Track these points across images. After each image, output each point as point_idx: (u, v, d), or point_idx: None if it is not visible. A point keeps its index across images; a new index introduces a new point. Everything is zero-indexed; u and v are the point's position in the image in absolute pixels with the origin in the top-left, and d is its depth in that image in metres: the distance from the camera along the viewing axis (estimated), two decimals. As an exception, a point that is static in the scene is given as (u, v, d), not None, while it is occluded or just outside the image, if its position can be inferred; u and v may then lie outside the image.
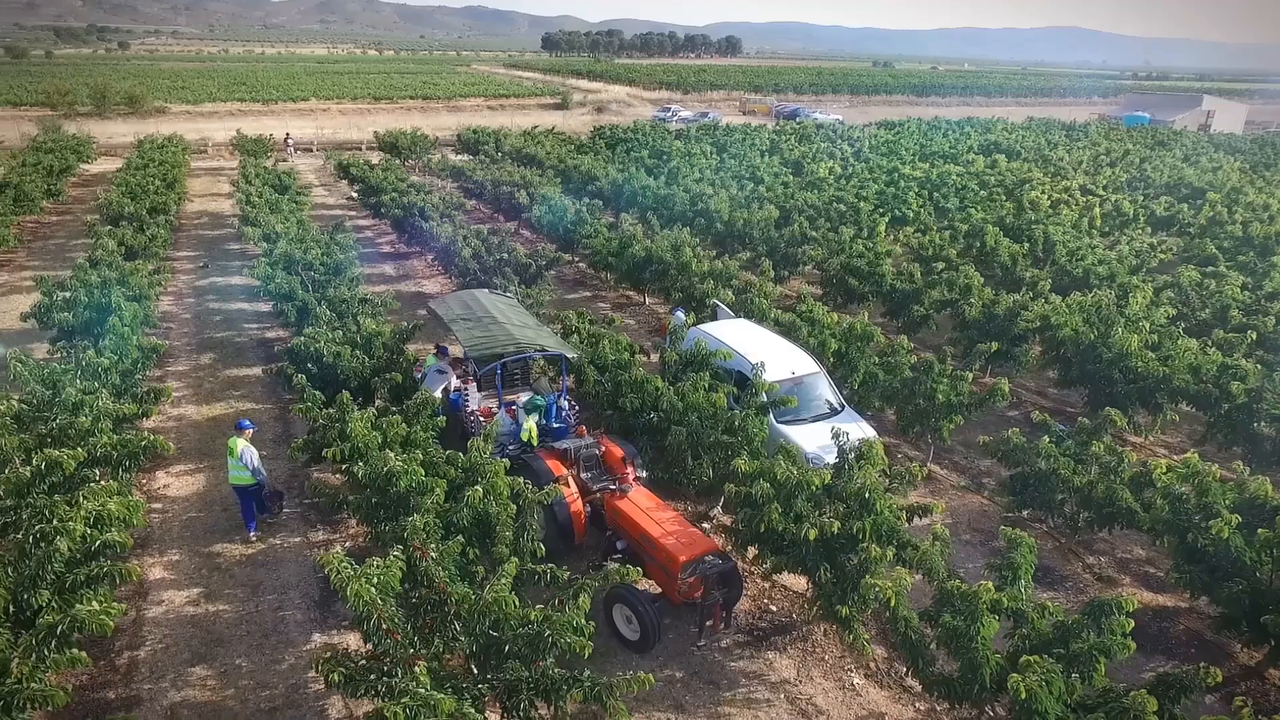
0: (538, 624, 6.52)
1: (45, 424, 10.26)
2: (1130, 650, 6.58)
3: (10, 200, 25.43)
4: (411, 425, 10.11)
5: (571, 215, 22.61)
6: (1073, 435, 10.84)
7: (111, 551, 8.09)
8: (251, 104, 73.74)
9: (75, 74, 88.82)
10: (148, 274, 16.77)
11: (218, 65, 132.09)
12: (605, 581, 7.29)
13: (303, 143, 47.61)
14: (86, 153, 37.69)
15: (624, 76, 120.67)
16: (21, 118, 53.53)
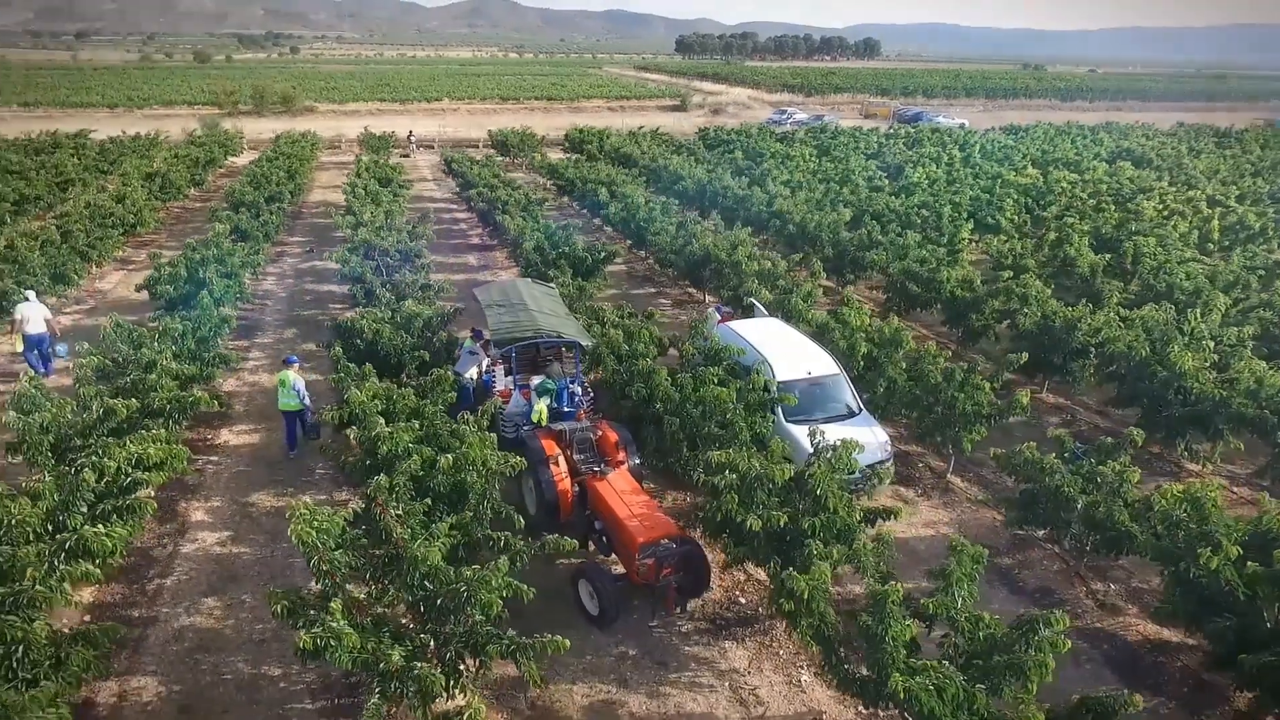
0: (463, 581, 7.01)
1: (121, 378, 11.76)
2: (1047, 668, 6.33)
3: (158, 188, 28.60)
4: (422, 399, 10.87)
5: (643, 213, 23.06)
6: (1089, 454, 10.26)
7: (141, 488, 9.28)
8: (390, 103, 78.79)
9: (248, 76, 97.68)
10: (243, 255, 18.56)
11: (370, 68, 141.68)
12: (542, 550, 7.70)
13: (425, 140, 50.48)
14: (234, 147, 41.65)
15: (749, 79, 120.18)
16: (193, 115, 59.62)
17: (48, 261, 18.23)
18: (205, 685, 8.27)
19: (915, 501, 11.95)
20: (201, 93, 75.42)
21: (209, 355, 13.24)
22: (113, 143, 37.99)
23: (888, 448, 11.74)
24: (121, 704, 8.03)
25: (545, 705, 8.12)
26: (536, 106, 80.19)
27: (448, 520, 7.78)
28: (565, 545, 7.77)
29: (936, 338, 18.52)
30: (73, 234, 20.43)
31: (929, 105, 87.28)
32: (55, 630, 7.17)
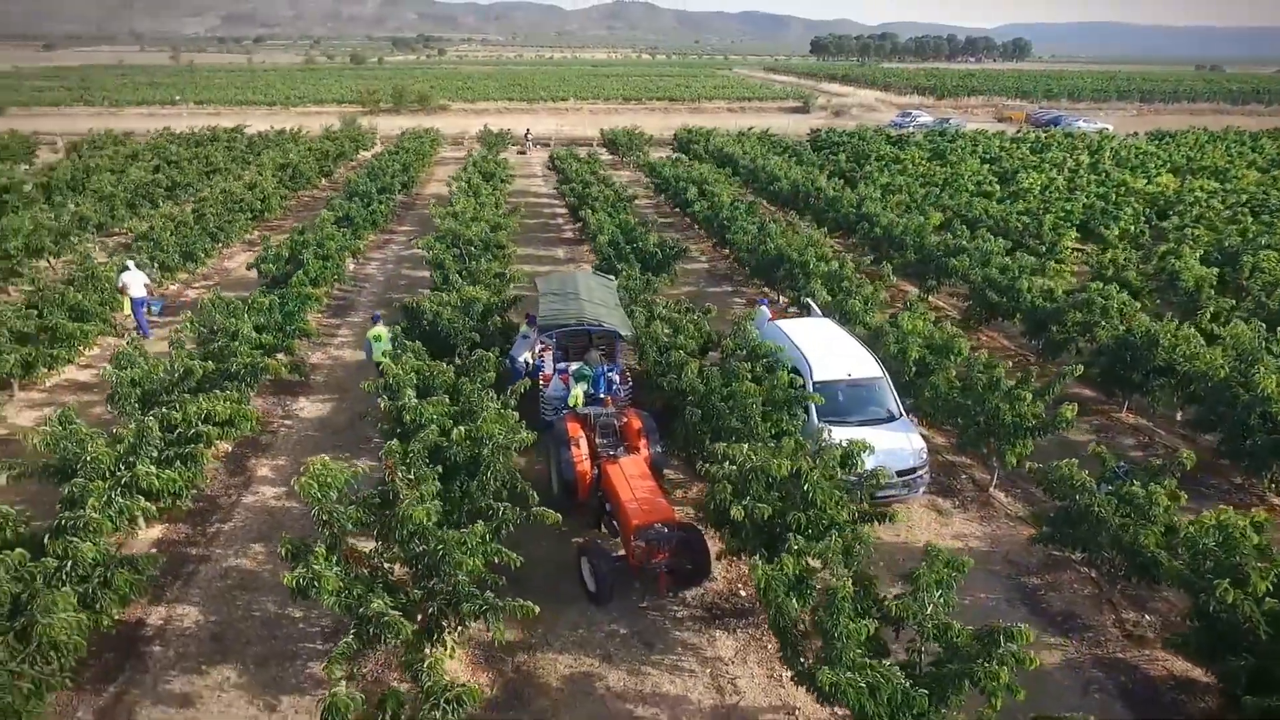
0: (442, 541, 7.50)
1: (211, 344, 13.12)
2: (998, 681, 6.09)
3: (289, 178, 31.18)
4: (460, 377, 11.52)
5: (726, 212, 23.12)
6: (1132, 474, 9.61)
7: (203, 440, 10.37)
8: (518, 103, 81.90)
9: (394, 77, 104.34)
10: (342, 240, 20.06)
11: (506, 69, 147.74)
12: (527, 520, 8.10)
13: (542, 138, 52.25)
14: (365, 142, 44.64)
15: (880, 81, 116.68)
16: (339, 113, 64.17)
17: (179, 241, 20.37)
18: (237, 619, 9.18)
19: (950, 512, 11.54)
20: (349, 92, 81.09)
21: (290, 328, 14.48)
22: (260, 137, 41.61)
23: (923, 455, 11.38)
24: (165, 626, 9.05)
25: (529, 671, 8.51)
26: (657, 107, 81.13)
27: (434, 485, 8.27)
28: (548, 517, 8.14)
29: (1018, 350, 17.64)
30: (205, 217, 22.67)
31: (1074, 109, 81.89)
32: (106, 553, 8.17)
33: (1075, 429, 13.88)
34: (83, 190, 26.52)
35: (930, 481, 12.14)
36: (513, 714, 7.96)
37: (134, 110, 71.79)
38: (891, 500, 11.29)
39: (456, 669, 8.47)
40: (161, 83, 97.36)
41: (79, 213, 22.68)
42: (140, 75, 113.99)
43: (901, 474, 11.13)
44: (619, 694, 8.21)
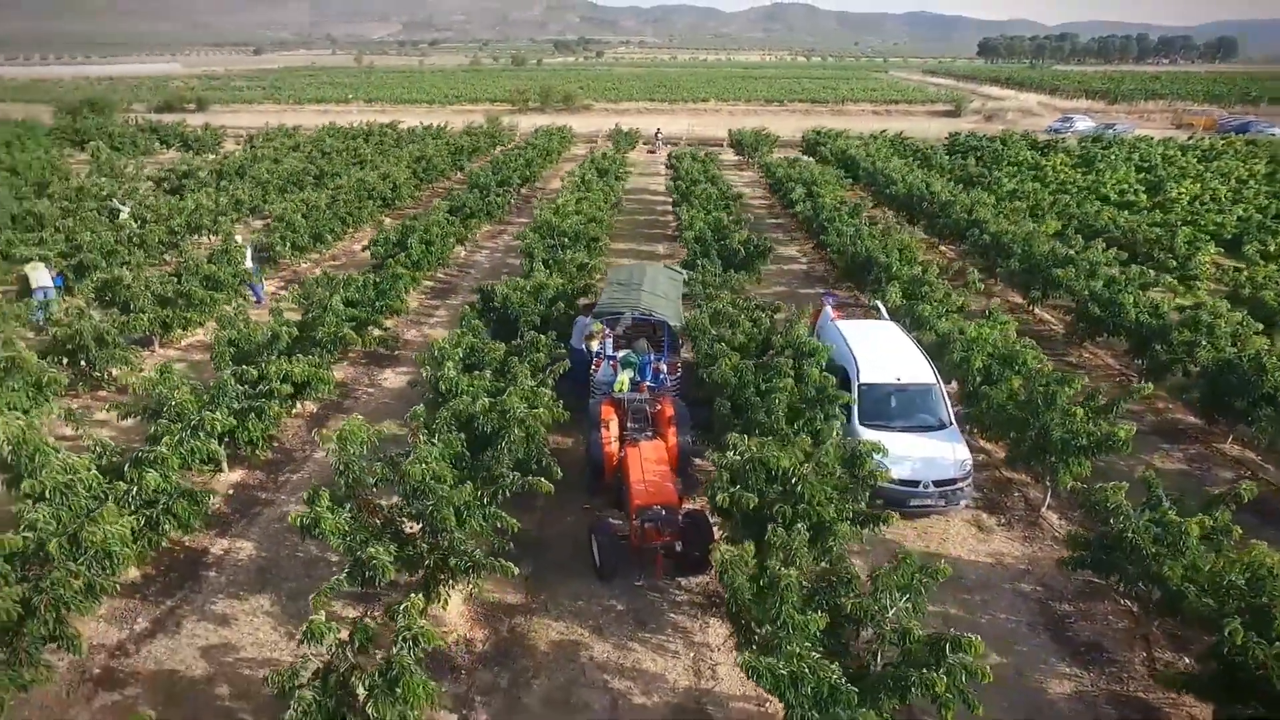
0: (434, 495, 8.10)
1: (307, 315, 14.52)
2: (935, 688, 5.89)
3: (422, 170, 33.42)
4: (509, 357, 12.18)
5: (826, 214, 22.70)
6: (1182, 502, 8.81)
7: (276, 397, 11.56)
8: (660, 103, 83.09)
9: (550, 77, 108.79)
10: (447, 228, 21.40)
11: (657, 70, 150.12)
12: (523, 490, 8.56)
13: (672, 137, 52.90)
14: (502, 138, 46.94)
15: (1047, 84, 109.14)
16: (487, 111, 67.75)
17: (310, 225, 22.43)
18: (283, 557, 10.21)
19: (991, 529, 10.96)
20: (502, 91, 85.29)
21: (379, 304, 15.72)
22: (408, 132, 44.72)
23: (965, 467, 10.88)
24: (224, 557, 10.21)
25: (522, 633, 8.96)
26: (798, 109, 79.86)
27: (455, 448, 8.89)
28: (541, 486, 8.56)
29: (1121, 370, 16.29)
30: (338, 203, 24.81)
31: (1276, 115, 73.14)
32: (172, 485, 9.33)
33: (1169, 457, 12.85)
34: (244, 176, 29.66)
35: (980, 497, 11.63)
36: (496, 669, 8.42)
37: (312, 107, 78.84)
38: (929, 511, 10.93)
39: (458, 623, 9.07)
40: (340, 83, 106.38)
41: (235, 195, 25.44)
42: (324, 76, 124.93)
43: (939, 484, 10.74)
44: (600, 664, 8.49)
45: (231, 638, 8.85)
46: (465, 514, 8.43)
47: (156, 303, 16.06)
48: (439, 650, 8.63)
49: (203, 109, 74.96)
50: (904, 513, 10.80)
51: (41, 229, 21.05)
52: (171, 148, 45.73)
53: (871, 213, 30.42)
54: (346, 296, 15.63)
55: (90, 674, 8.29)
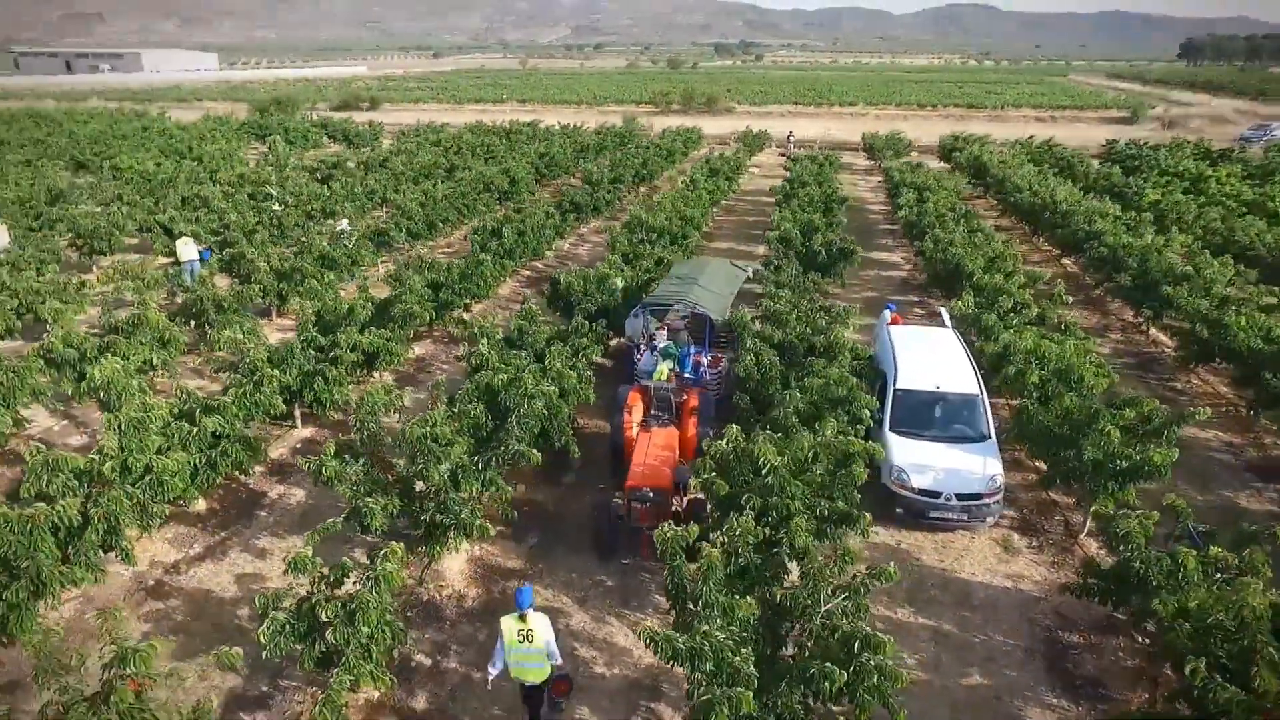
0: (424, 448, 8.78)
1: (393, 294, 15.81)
2: (835, 682, 5.83)
3: (545, 166, 34.92)
4: (553, 340, 12.78)
5: (927, 220, 21.82)
6: (1207, 537, 8.04)
7: (341, 363, 12.74)
8: (805, 106, 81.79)
9: (701, 80, 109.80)
10: (544, 221, 22.39)
11: (812, 74, 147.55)
12: (514, 462, 9.06)
13: (806, 141, 52.03)
14: (633, 138, 47.99)
15: (1252, 89, 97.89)
16: (625, 112, 69.37)
17: (426, 214, 24.12)
18: (325, 505, 11.25)
19: (1018, 550, 10.35)
20: (648, 93, 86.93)
21: (460, 287, 16.80)
22: (544, 131, 46.70)
23: (995, 483, 10.35)
24: (277, 500, 11.41)
25: (511, 594, 9.42)
26: (952, 114, 76.09)
27: (442, 412, 9.55)
28: (533, 458, 9.02)
29: (1231, 400, 14.71)
30: (456, 195, 26.49)
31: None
32: (231, 431, 10.57)
33: (1258, 496, 11.63)
34: (384, 168, 32.21)
35: (1017, 516, 11.02)
36: (478, 624, 8.99)
37: (471, 107, 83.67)
38: (953, 525, 10.51)
39: (456, 579, 9.73)
40: (501, 84, 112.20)
41: (368, 185, 27.75)
42: (488, 78, 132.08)
43: (963, 498, 10.31)
44: (574, 633, 8.86)
45: (263, 569, 9.94)
46: (461, 476, 9.06)
47: (274, 277, 17.92)
48: (432, 601, 9.41)
49: (375, 107, 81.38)
50: (926, 525, 10.55)
51: (205, 210, 23.93)
52: (336, 142, 50.09)
53: (998, 221, 28.89)
54: (431, 279, 16.84)
55: (146, 584, 9.60)
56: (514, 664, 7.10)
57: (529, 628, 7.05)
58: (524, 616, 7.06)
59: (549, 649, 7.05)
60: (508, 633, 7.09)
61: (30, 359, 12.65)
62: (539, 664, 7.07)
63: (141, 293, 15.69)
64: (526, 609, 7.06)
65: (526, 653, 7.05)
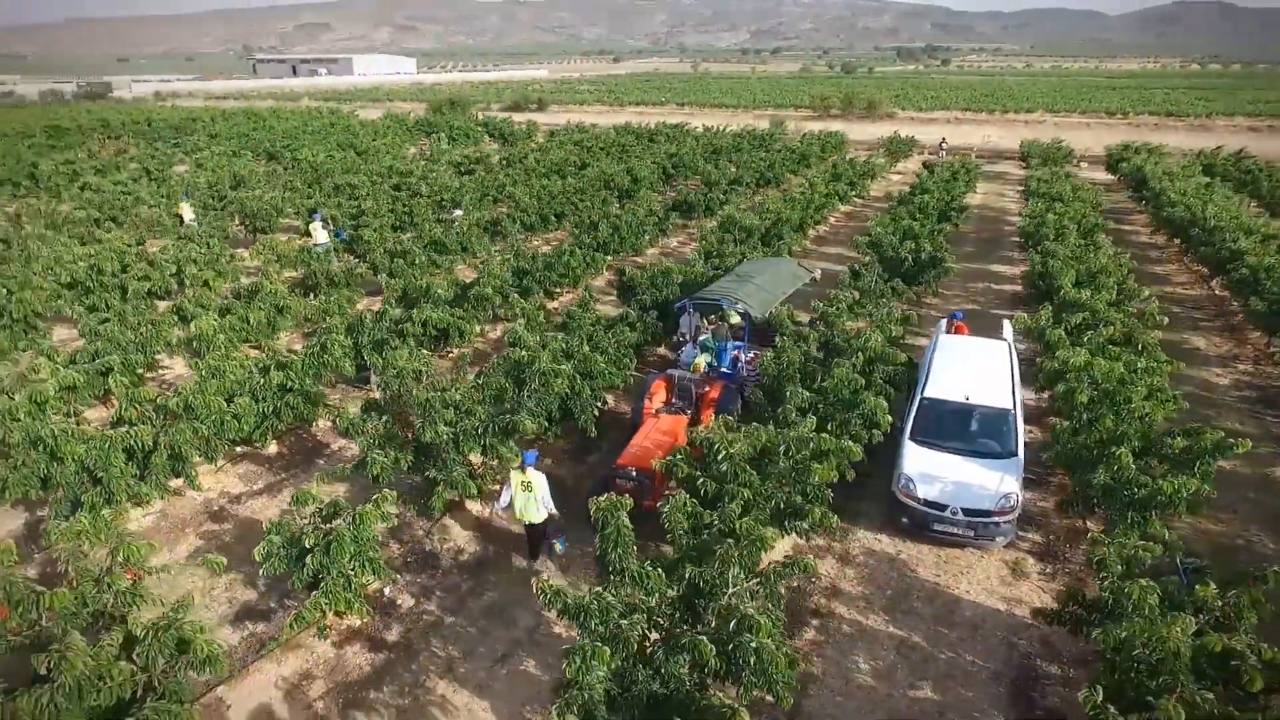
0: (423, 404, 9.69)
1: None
2: (704, 654, 6.02)
3: (672, 166, 35.59)
4: (598, 326, 13.43)
5: (1044, 229, 20.44)
6: (1201, 573, 7.35)
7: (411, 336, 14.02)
8: (976, 112, 77.43)
9: (868, 85, 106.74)
10: (642, 219, 23.06)
11: (995, 79, 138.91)
12: (512, 430, 9.76)
13: (961, 148, 49.44)
14: (774, 141, 47.70)
15: None
16: (774, 115, 68.76)
17: (540, 206, 25.48)
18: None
19: (1027, 574, 9.77)
20: (807, 97, 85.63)
21: (540, 274, 17.80)
22: (685, 132, 47.45)
23: (1007, 501, 9.83)
24: (337, 451, 12.77)
25: (502, 555, 10.18)
26: (1145, 122, 69.22)
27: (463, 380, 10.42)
28: (524, 427, 9.69)
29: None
30: (575, 191, 27.74)
31: None
32: (299, 386, 12.01)
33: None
34: (517, 165, 34.20)
35: (1040, 540, 10.40)
36: (464, 576, 9.76)
37: (631, 109, 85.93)
38: (960, 540, 10.12)
39: (459, 535, 10.57)
40: (668, 87, 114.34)
41: (499, 180, 29.65)
42: (656, 81, 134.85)
43: (969, 513, 9.90)
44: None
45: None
46: (461, 439, 9.88)
47: (387, 257, 19.77)
48: (430, 551, 10.30)
49: (542, 108, 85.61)
50: (932, 538, 10.23)
51: (349, 196, 26.62)
52: (494, 140, 53.40)
53: (1152, 239, 26.45)
54: (518, 266, 17.97)
55: (210, 510, 11.18)
56: (519, 507, 9.29)
57: (529, 480, 9.15)
58: (525, 471, 9.14)
59: (544, 500, 9.18)
60: (515, 483, 9.20)
61: (166, 314, 14.92)
62: (536, 509, 9.23)
63: (270, 265, 17.90)
64: (529, 466, 9.18)
65: (527, 499, 9.20)
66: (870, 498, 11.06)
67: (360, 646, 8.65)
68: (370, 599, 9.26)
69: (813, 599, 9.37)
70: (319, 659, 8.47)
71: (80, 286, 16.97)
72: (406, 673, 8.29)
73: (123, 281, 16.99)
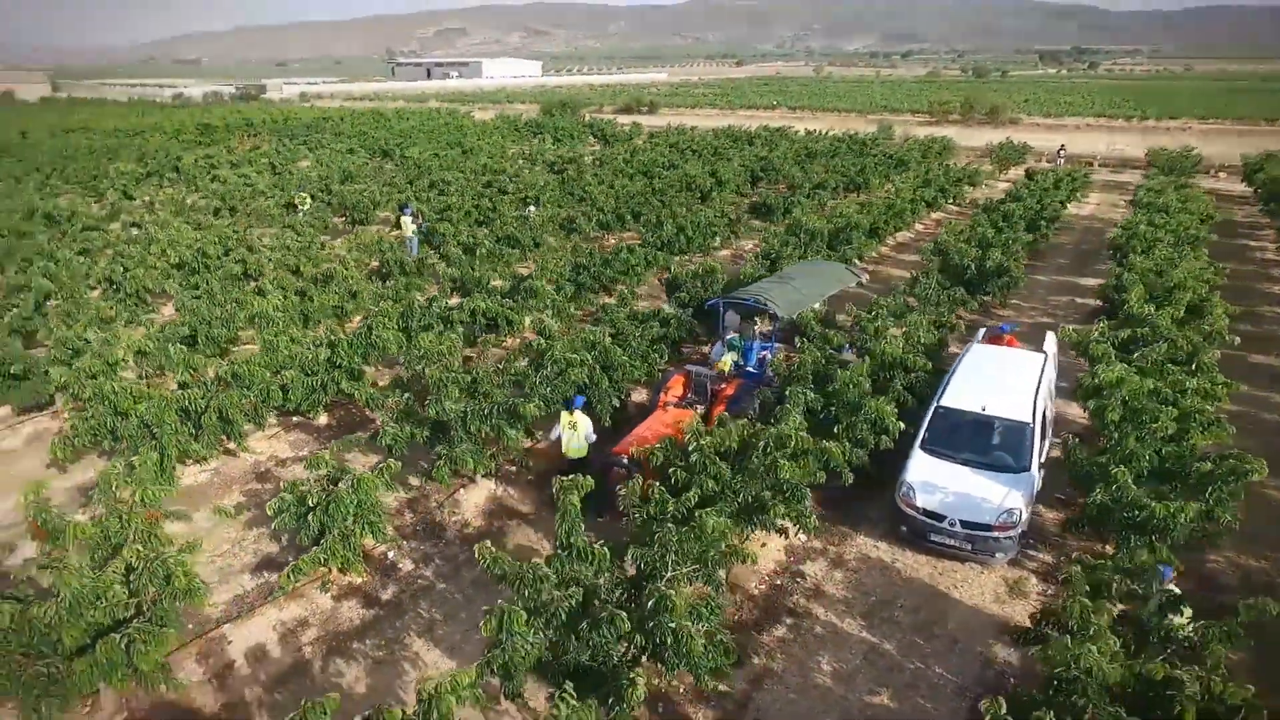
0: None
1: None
2: (620, 626, 6.25)
3: (760, 170, 35.41)
4: (630, 322, 13.79)
5: (1133, 243, 19.19)
6: (1171, 605, 6.93)
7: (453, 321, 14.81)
8: (1109, 120, 72.64)
9: (996, 90, 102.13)
10: (711, 220, 23.19)
11: (1147, 83, 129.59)
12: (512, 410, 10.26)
13: (1082, 156, 46.60)
14: (875, 147, 46.54)
15: None
16: (907, 120, 66.80)
17: (616, 205, 26.04)
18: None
19: (1026, 593, 9.38)
20: (923, 102, 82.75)
21: (595, 270, 18.30)
22: (784, 135, 47.04)
23: (1010, 516, 9.48)
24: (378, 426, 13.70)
25: (501, 530, 10.68)
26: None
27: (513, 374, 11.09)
28: (525, 409, 10.15)
29: None
30: (653, 192, 28.17)
31: None
32: (348, 363, 12.97)
33: None
34: (607, 165, 34.98)
35: (1049, 560, 9.95)
36: (462, 546, 10.32)
37: (743, 112, 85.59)
38: (959, 554, 9.86)
39: (468, 509, 11.16)
40: (785, 90, 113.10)
41: (584, 179, 30.50)
42: (774, 85, 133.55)
43: (967, 525, 9.64)
44: (535, 570, 9.85)
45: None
46: (468, 418, 10.47)
47: (461, 250, 20.82)
48: (438, 521, 10.94)
49: (653, 111, 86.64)
50: (930, 549, 10.02)
51: (441, 192, 28.10)
52: (597, 141, 54.63)
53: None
54: (576, 262, 18.55)
55: (257, 470, 12.26)
56: (565, 442, 10.57)
57: (575, 420, 10.47)
58: (573, 413, 10.43)
59: (588, 435, 10.48)
60: (563, 423, 10.55)
61: (249, 294, 16.37)
62: (580, 446, 10.51)
63: (350, 254, 19.25)
64: (577, 409, 10.48)
65: (572, 436, 10.52)
66: (881, 505, 10.88)
67: (355, 602, 9.35)
68: (374, 560, 9.99)
69: (792, 598, 9.38)
70: (317, 609, 9.22)
71: (187, 267, 18.84)
72: (390, 629, 8.91)
73: (221, 263, 18.72)
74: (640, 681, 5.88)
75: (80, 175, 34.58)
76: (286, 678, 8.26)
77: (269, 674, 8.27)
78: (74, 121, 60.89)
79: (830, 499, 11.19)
